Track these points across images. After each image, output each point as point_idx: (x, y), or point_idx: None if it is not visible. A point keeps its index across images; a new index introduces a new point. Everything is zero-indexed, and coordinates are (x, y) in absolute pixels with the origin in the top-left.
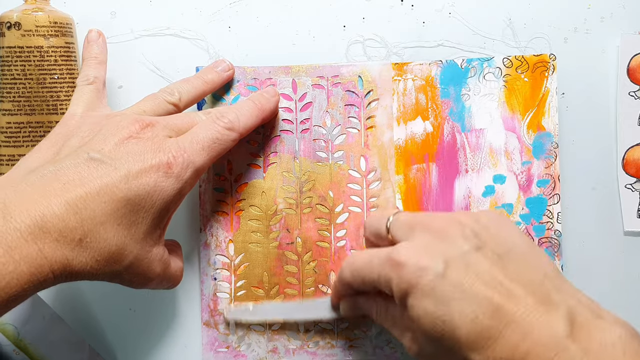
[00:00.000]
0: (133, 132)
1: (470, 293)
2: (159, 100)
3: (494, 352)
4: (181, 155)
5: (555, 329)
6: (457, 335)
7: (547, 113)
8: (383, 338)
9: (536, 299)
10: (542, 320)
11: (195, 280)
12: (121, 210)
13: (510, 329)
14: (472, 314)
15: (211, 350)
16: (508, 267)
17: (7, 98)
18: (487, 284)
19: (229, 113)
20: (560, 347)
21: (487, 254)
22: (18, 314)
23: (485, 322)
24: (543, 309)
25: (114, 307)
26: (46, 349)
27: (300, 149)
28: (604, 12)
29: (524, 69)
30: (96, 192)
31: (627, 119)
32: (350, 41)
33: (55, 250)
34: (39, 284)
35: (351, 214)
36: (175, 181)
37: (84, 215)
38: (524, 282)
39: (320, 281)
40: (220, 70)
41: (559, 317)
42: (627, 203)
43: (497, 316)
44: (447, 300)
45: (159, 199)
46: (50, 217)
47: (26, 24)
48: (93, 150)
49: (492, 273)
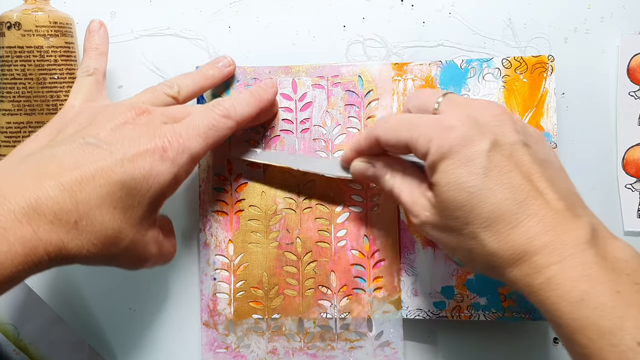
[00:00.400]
0: (129, 118)
1: (507, 176)
2: (158, 92)
3: (508, 237)
4: (177, 140)
5: (579, 233)
6: (477, 210)
7: (546, 113)
8: (384, 339)
9: (565, 205)
10: (568, 222)
11: (194, 280)
12: (117, 194)
13: (534, 220)
14: (502, 195)
15: (210, 350)
16: (546, 170)
17: (7, 98)
18: (525, 175)
19: (225, 101)
20: (578, 247)
21: (531, 152)
22: (18, 314)
23: (510, 207)
24: (570, 214)
25: (114, 307)
26: (46, 349)
27: (300, 148)
28: (604, 12)
29: (522, 70)
30: (91, 175)
31: (627, 119)
32: (350, 41)
33: (50, 233)
34: (34, 266)
35: (351, 214)
36: (171, 165)
37: (79, 198)
38: (557, 188)
39: (320, 282)
40: (221, 66)
41: (584, 225)
42: (627, 203)
43: (524, 206)
44: (482, 175)
45: (155, 182)
46: (44, 199)
47: (26, 24)
48: (89, 136)
49: (531, 169)
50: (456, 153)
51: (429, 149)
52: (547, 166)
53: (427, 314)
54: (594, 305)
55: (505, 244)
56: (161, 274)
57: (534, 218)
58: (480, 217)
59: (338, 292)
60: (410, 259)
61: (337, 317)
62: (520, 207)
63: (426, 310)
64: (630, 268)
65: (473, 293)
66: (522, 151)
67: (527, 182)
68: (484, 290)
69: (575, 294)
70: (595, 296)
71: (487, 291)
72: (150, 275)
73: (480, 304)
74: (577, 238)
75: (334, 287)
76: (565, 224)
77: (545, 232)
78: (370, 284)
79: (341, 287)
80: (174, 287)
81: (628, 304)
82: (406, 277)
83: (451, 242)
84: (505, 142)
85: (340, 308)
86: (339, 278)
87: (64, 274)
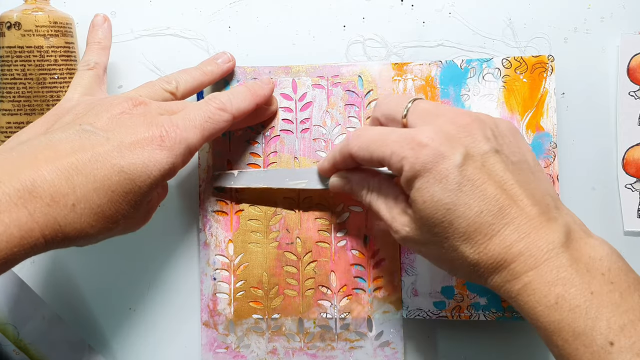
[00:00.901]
0: (126, 108)
1: (480, 189)
2: (156, 87)
3: (487, 247)
4: (174, 130)
5: (552, 237)
6: (456, 225)
7: (546, 113)
8: (383, 339)
9: (539, 210)
10: (542, 227)
11: (194, 280)
12: (114, 178)
13: (509, 229)
14: (477, 208)
15: (210, 350)
16: (519, 175)
17: (7, 98)
18: (498, 185)
19: (221, 95)
20: (553, 252)
21: (503, 158)
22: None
23: (487, 219)
24: (544, 219)
25: (114, 307)
26: (46, 349)
27: (300, 148)
28: (604, 12)
29: (522, 70)
30: (88, 159)
31: (627, 119)
32: (350, 41)
33: (47, 215)
34: (30, 249)
35: (351, 214)
36: (169, 154)
37: (76, 182)
38: (531, 192)
39: (320, 282)
40: (220, 62)
41: (558, 228)
42: (627, 203)
43: (500, 216)
44: (456, 190)
45: (155, 169)
46: (40, 182)
47: (26, 24)
48: (85, 123)
49: (504, 177)
50: (429, 171)
51: (403, 167)
52: (521, 168)
53: (427, 314)
54: (568, 308)
55: (485, 255)
56: (161, 274)
57: (510, 226)
58: (458, 232)
59: (338, 292)
60: (410, 259)
61: (337, 317)
62: (495, 217)
63: (426, 310)
64: (605, 267)
65: (473, 293)
66: (493, 159)
67: (500, 192)
68: (484, 290)
69: (550, 297)
70: (569, 299)
71: (487, 291)
72: (150, 275)
73: (480, 304)
74: (551, 242)
75: (334, 287)
76: (540, 229)
77: (521, 239)
78: (370, 284)
79: (341, 287)
80: (174, 287)
81: (601, 305)
82: (406, 277)
83: (433, 255)
84: (476, 152)
85: (340, 308)
86: (339, 278)
87: (64, 273)
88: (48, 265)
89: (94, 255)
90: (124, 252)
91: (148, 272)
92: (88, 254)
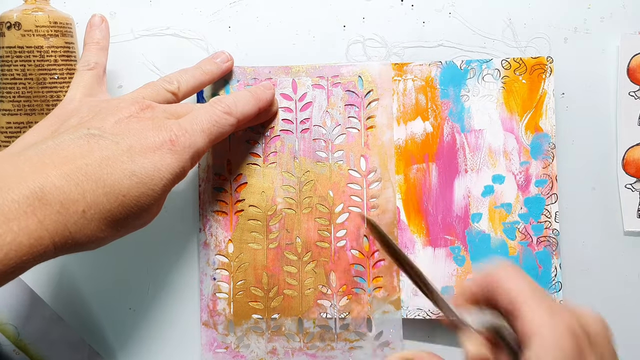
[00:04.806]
0: (133, 112)
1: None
2: (158, 88)
3: None
4: (183, 134)
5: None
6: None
7: (545, 114)
8: (383, 339)
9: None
10: None
11: (194, 280)
12: (125, 182)
13: None
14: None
15: (210, 350)
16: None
17: (7, 98)
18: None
19: (226, 98)
20: None
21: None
22: (18, 314)
23: None
24: None
25: (114, 307)
26: (46, 349)
27: (300, 148)
28: (604, 12)
29: (522, 71)
30: (97, 163)
31: (627, 119)
32: (350, 41)
33: (57, 223)
34: (39, 256)
35: (351, 214)
36: (179, 158)
37: (85, 187)
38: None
39: (320, 282)
40: (219, 62)
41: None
42: (627, 203)
43: None
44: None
45: (167, 173)
46: (49, 188)
47: (26, 24)
48: (92, 127)
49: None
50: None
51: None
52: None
53: (427, 314)
54: None
55: None
56: (161, 274)
57: None
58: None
59: (338, 292)
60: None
61: (336, 317)
62: None
63: (426, 310)
64: None
65: None
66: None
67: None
68: None
69: None
70: None
71: None
72: (150, 275)
73: None
74: None
75: (334, 287)
76: None
77: None
78: (370, 283)
79: (341, 287)
80: (174, 287)
81: None
82: (406, 277)
83: None
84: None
85: (340, 308)
86: (339, 278)
87: (64, 273)
88: (48, 266)
89: (94, 255)
90: (124, 252)
91: (148, 272)
92: (88, 254)
